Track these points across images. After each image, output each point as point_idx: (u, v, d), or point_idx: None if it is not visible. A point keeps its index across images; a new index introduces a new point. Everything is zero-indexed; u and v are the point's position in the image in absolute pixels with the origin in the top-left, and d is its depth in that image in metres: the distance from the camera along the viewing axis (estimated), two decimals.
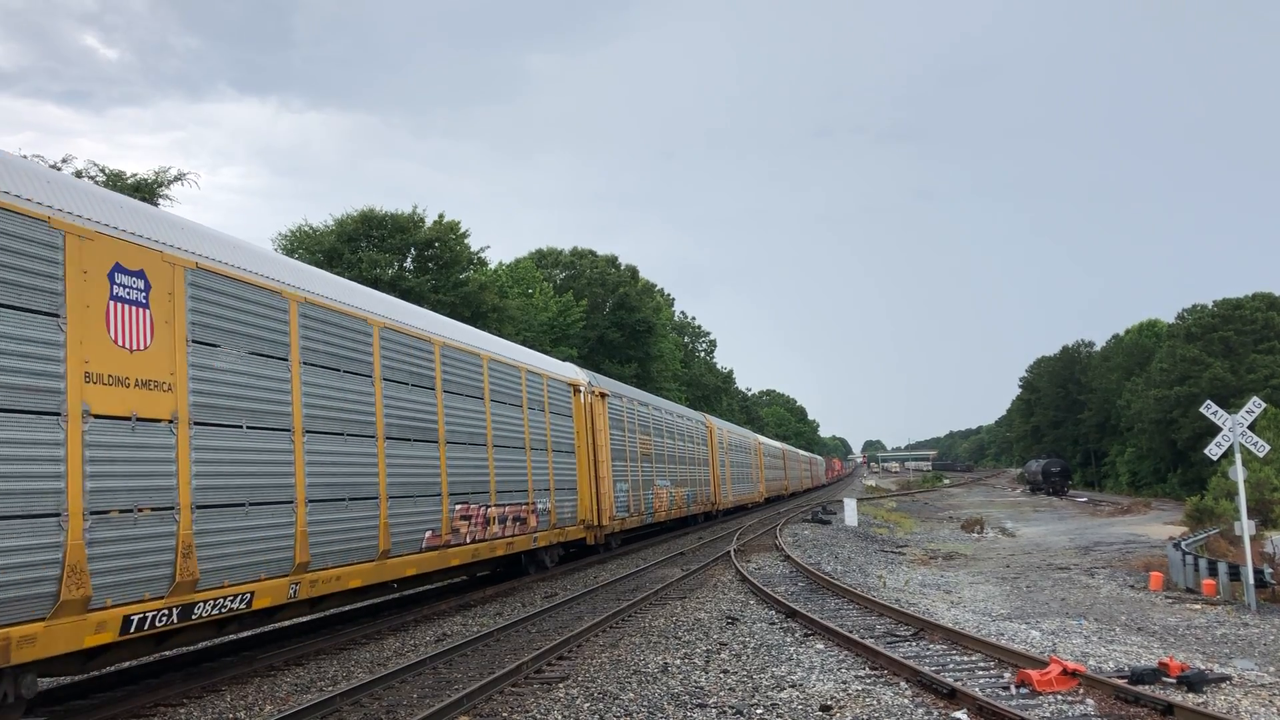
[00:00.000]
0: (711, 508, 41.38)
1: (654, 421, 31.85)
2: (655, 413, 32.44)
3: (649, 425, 30.82)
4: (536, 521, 19.98)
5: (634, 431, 28.50)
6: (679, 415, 37.06)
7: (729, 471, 46.86)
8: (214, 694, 10.29)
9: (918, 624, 13.71)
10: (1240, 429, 20.52)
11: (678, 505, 33.60)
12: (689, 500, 36.05)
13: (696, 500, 37.46)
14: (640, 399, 30.70)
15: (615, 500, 25.37)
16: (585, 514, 23.28)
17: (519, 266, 54.86)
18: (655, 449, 31.17)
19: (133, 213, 9.82)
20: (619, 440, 26.54)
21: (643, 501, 28.56)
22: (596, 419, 24.69)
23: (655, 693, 9.81)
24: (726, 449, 46.65)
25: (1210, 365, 69.01)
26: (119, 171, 27.95)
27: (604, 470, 24.66)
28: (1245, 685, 10.31)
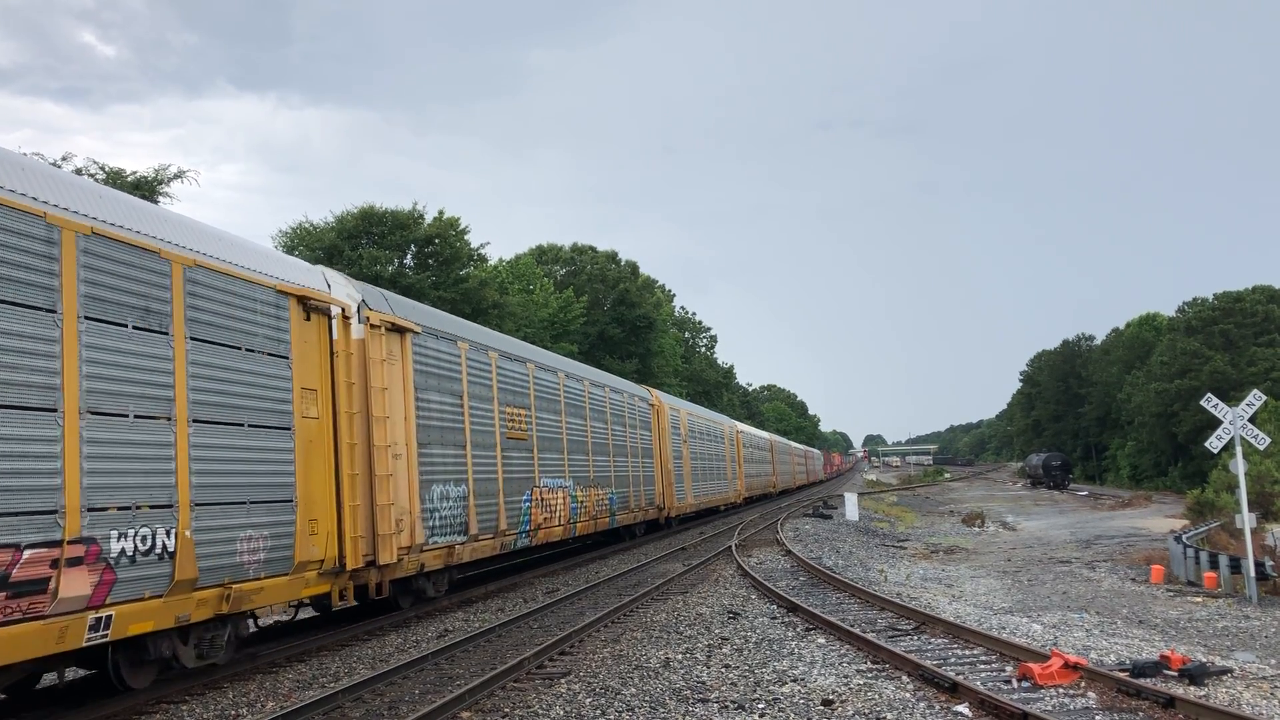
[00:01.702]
0: (660, 514, 31.70)
1: (539, 388, 20.87)
2: (544, 375, 21.48)
3: (522, 392, 19.71)
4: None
5: (488, 401, 17.69)
6: (597, 385, 26.17)
7: (689, 466, 36.64)
8: (216, 690, 10.29)
9: (919, 618, 13.72)
10: (1241, 422, 20.51)
11: (588, 515, 23.44)
12: (615, 506, 26.08)
13: (630, 505, 27.89)
14: (505, 349, 19.39)
15: (424, 514, 14.58)
16: (324, 550, 11.95)
17: (519, 263, 54.83)
18: (541, 430, 20.64)
19: None
20: (445, 411, 15.78)
21: (507, 514, 17.95)
22: (374, 369, 13.54)
23: (657, 687, 9.82)
24: (685, 437, 36.39)
25: (1211, 358, 69.01)
26: (118, 169, 27.93)
27: (388, 463, 13.42)
28: (1247, 678, 10.32)
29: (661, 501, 31.85)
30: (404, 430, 14.18)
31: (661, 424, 33.03)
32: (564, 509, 21.63)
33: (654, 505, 30.88)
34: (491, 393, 17.92)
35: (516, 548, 18.83)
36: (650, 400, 32.80)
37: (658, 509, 31.36)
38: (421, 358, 15.04)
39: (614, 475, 26.31)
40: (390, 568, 13.48)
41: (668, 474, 32.88)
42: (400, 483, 13.83)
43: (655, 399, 33.44)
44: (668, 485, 32.71)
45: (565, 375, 23.32)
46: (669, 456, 33.33)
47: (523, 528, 18.92)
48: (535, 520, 19.65)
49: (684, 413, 37.72)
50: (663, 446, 32.87)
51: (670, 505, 32.74)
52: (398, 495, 13.65)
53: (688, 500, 35.99)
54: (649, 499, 30.25)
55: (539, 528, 19.87)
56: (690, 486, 36.54)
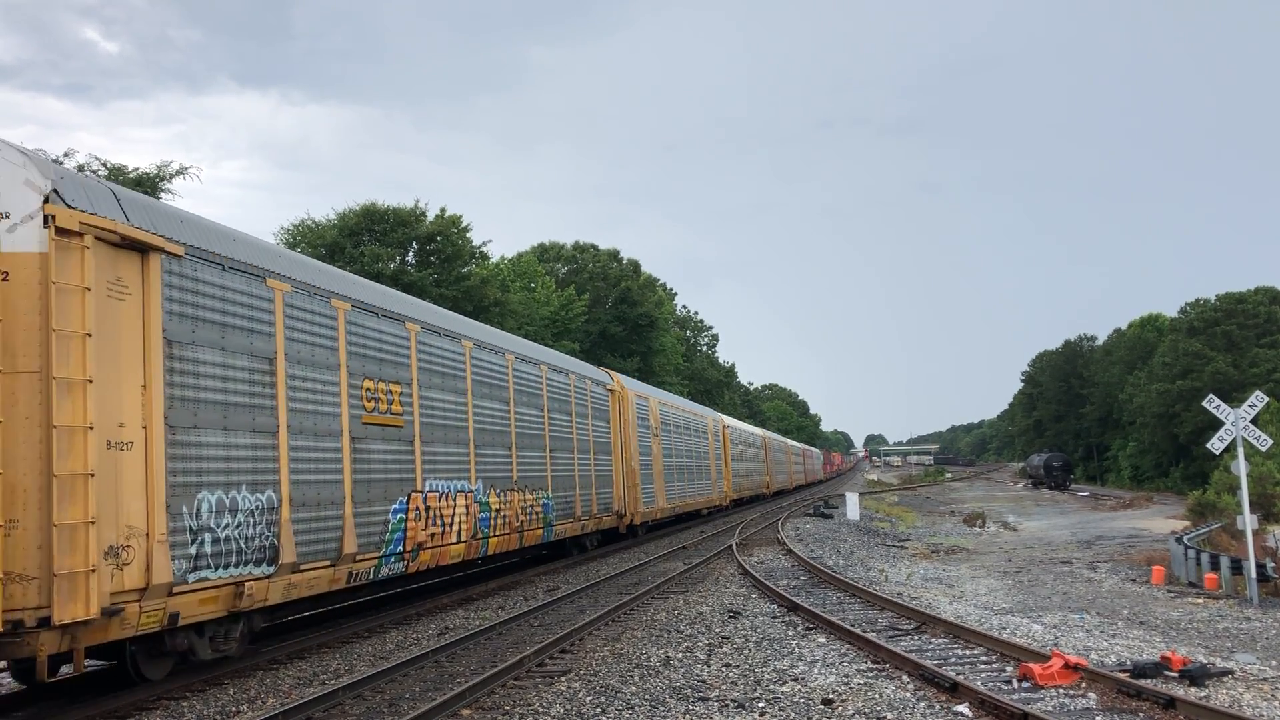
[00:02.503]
0: (620, 522, 26.74)
1: (430, 358, 15.52)
2: (436, 343, 15.90)
3: (398, 361, 14.48)
4: None
5: (329, 369, 12.61)
6: (528, 361, 20.50)
7: (661, 464, 31.24)
8: (216, 687, 10.30)
9: (920, 618, 13.72)
10: (1243, 423, 20.49)
11: (508, 527, 18.15)
12: (552, 514, 20.65)
13: (576, 513, 22.52)
14: (365, 300, 13.91)
15: (179, 535, 9.57)
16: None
17: (521, 261, 54.85)
18: (430, 414, 15.31)
19: None
20: (234, 378, 10.75)
21: (362, 530, 12.92)
22: (65, 303, 8.59)
23: (657, 686, 9.82)
24: (657, 429, 31.01)
25: (1213, 359, 68.96)
26: (120, 166, 27.94)
27: (86, 455, 8.50)
28: (1247, 679, 10.31)
29: (623, 507, 26.67)
30: (138, 404, 9.17)
31: (624, 414, 27.57)
32: (467, 520, 16.16)
33: (611, 511, 25.64)
34: (337, 358, 12.67)
35: (380, 577, 13.50)
36: (610, 385, 27.00)
37: (617, 515, 26.19)
38: (185, 294, 9.97)
39: (552, 476, 20.69)
40: (89, 626, 8.37)
41: (631, 474, 27.35)
42: (123, 487, 8.87)
43: (617, 383, 27.76)
44: (631, 487, 27.30)
45: (475, 345, 17.44)
46: (634, 453, 27.77)
47: (391, 549, 13.54)
48: (414, 538, 14.17)
49: (655, 402, 32.12)
50: (626, 441, 27.40)
51: (635, 511, 27.44)
52: (118, 507, 8.76)
53: (658, 505, 30.69)
54: (605, 504, 25.00)
55: (421, 547, 14.45)
56: (662, 488, 31.10)
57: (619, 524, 26.73)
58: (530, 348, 22.27)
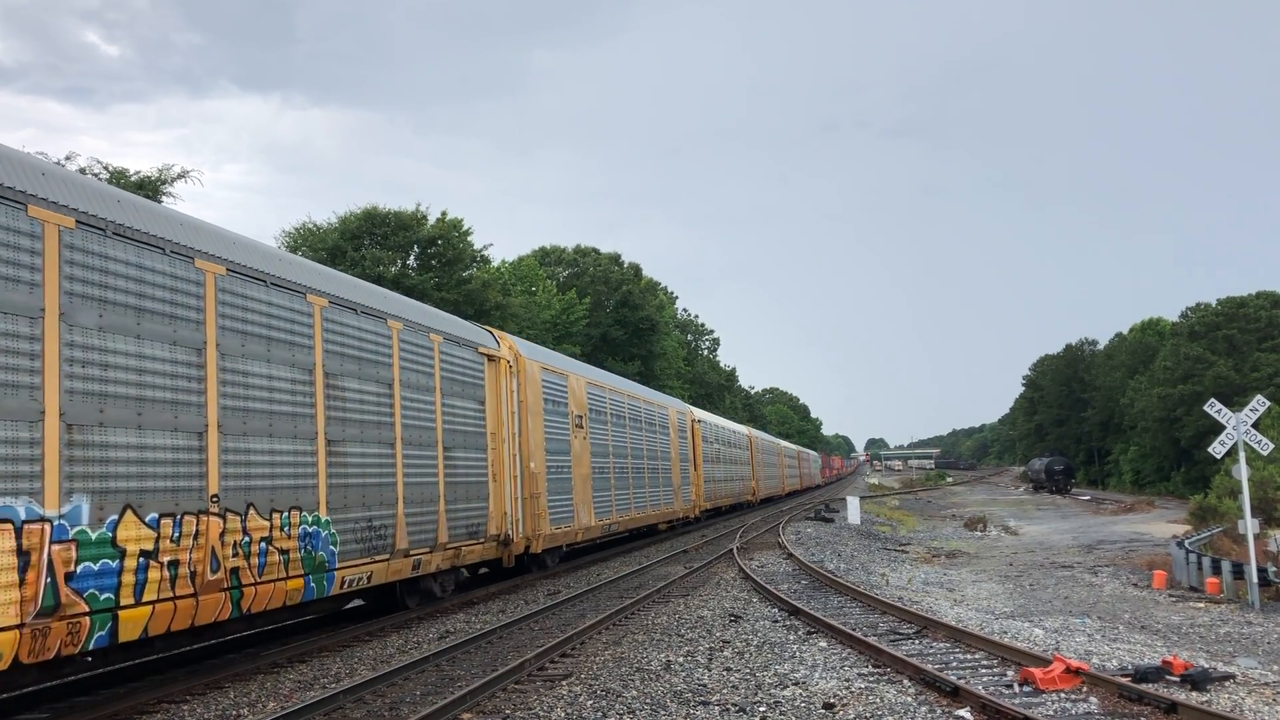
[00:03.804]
0: (504, 552, 18.28)
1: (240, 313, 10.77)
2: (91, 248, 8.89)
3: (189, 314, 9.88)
4: None
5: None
6: (286, 287, 12.00)
7: (587, 468, 23.45)
8: (217, 690, 10.30)
9: (921, 622, 13.71)
10: (1244, 427, 20.48)
11: (205, 584, 9.90)
12: (324, 549, 12.25)
13: (392, 546, 14.03)
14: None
15: None
16: None
17: (522, 264, 54.90)
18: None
19: None
20: None
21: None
22: None
23: (658, 690, 9.81)
24: (581, 419, 23.38)
25: (1214, 363, 68.90)
26: (122, 169, 27.99)
27: None
28: (1249, 684, 10.30)
29: (511, 529, 18.26)
30: None
31: (520, 393, 19.28)
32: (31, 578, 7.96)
33: (485, 538, 17.18)
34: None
35: None
36: (489, 348, 18.27)
37: (499, 542, 17.78)
38: None
39: (335, 483, 12.55)
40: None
41: (532, 481, 19.35)
42: None
43: (505, 347, 19.19)
44: (531, 499, 19.20)
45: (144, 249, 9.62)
46: (536, 449, 19.76)
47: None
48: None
49: (579, 380, 23.73)
50: (523, 432, 19.22)
51: (537, 534, 19.32)
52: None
53: (581, 523, 22.44)
54: (473, 526, 16.63)
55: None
56: (587, 500, 23.11)
57: (504, 554, 18.11)
58: (300, 266, 12.96)
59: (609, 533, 25.57)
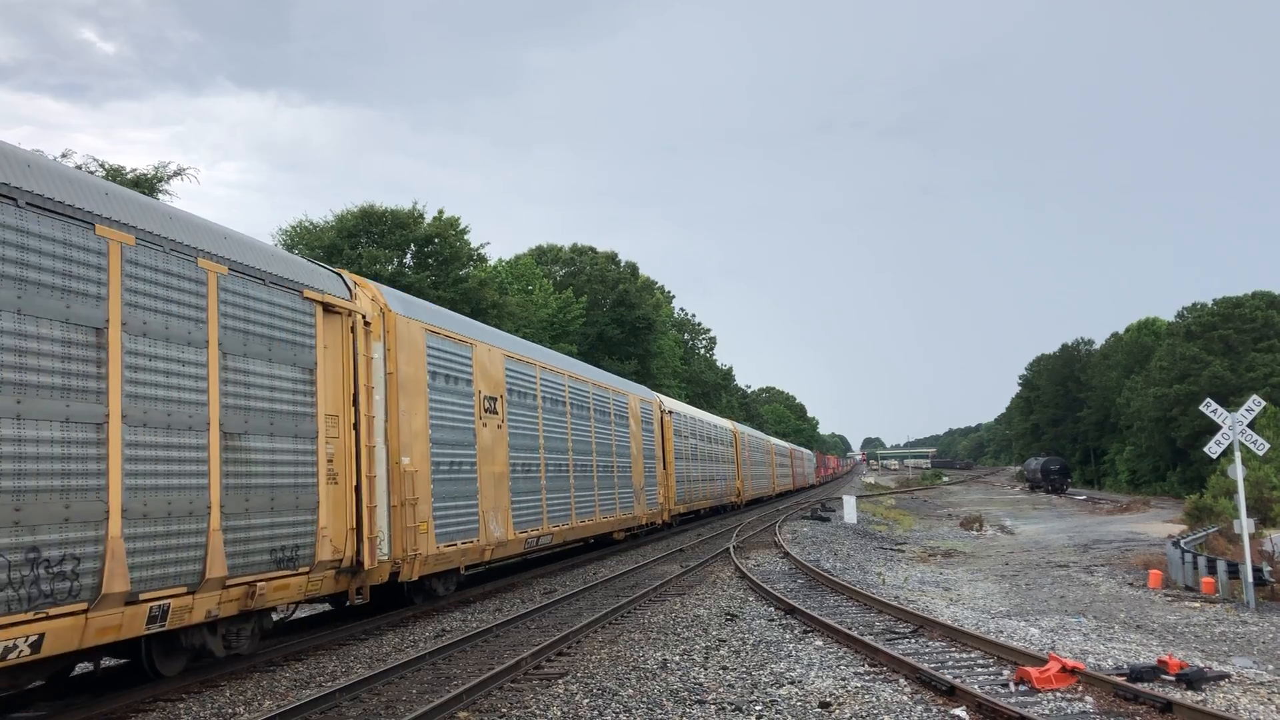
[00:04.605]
0: (355, 581, 13.10)
1: None
2: None
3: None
4: None
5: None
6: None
7: (503, 464, 18.22)
8: (213, 689, 10.28)
9: (917, 621, 13.72)
10: (1240, 427, 20.52)
11: None
12: None
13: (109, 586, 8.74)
14: None
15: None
16: None
17: (519, 263, 54.86)
18: None
19: None
20: None
21: None
22: None
23: (654, 689, 9.82)
24: (492, 401, 18.07)
25: (1210, 363, 69.02)
26: (118, 166, 27.93)
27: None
28: (1244, 683, 10.32)
29: (364, 551, 12.94)
30: None
31: (392, 362, 14.34)
32: None
33: (314, 565, 11.86)
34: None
35: None
36: (329, 296, 12.84)
37: (340, 570, 12.60)
38: None
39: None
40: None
41: (407, 482, 14.26)
42: None
43: (366, 297, 14.14)
44: (405, 508, 14.08)
45: None
46: (414, 439, 14.77)
47: None
48: None
49: (493, 353, 18.41)
50: (396, 414, 14.25)
51: (414, 553, 14.25)
52: None
53: (490, 538, 17.14)
54: (287, 551, 11.43)
55: None
56: (500, 508, 17.76)
57: (350, 586, 13.04)
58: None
59: (535, 548, 19.74)
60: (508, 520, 18.12)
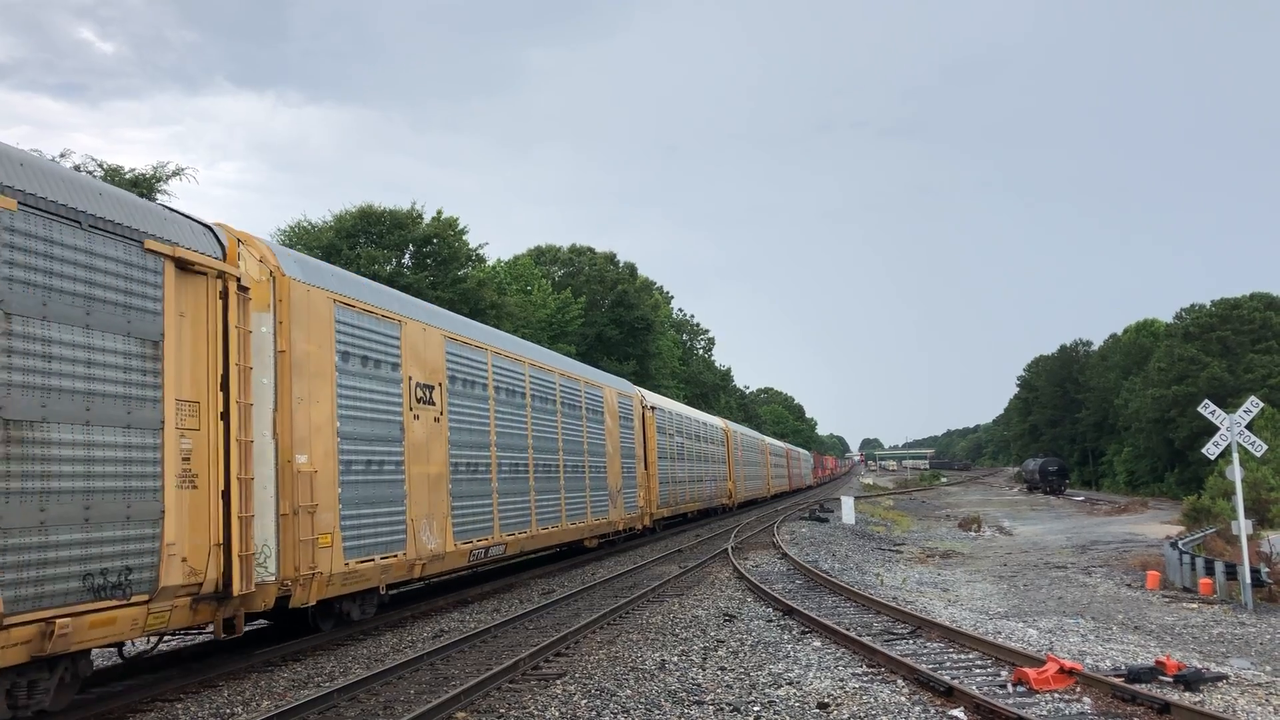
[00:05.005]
0: (220, 617, 10.19)
1: None
2: None
3: None
4: None
5: None
6: None
7: (442, 463, 15.47)
8: (211, 689, 10.28)
9: (915, 622, 13.72)
10: (1238, 428, 20.54)
11: None
12: None
13: None
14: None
15: None
16: None
17: (517, 263, 54.87)
18: None
19: None
20: None
21: None
22: None
23: (652, 689, 9.82)
24: (424, 391, 15.10)
25: (1208, 365, 69.10)
26: (116, 166, 27.92)
27: None
28: (1242, 684, 10.33)
29: (238, 573, 10.13)
30: None
31: (284, 339, 11.75)
32: None
33: (156, 592, 9.08)
34: None
35: None
36: (183, 250, 9.95)
37: (198, 598, 9.78)
38: None
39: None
40: None
41: (301, 485, 11.61)
42: None
43: (253, 259, 11.60)
44: (298, 517, 11.50)
45: None
46: (315, 432, 12.11)
47: None
48: None
49: (430, 333, 15.68)
50: (287, 402, 11.62)
51: (312, 572, 11.69)
52: None
53: (422, 550, 14.47)
54: (112, 577, 8.65)
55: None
56: (438, 515, 15.11)
57: (215, 615, 10.24)
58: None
59: (484, 560, 17.36)
60: (446, 529, 15.45)
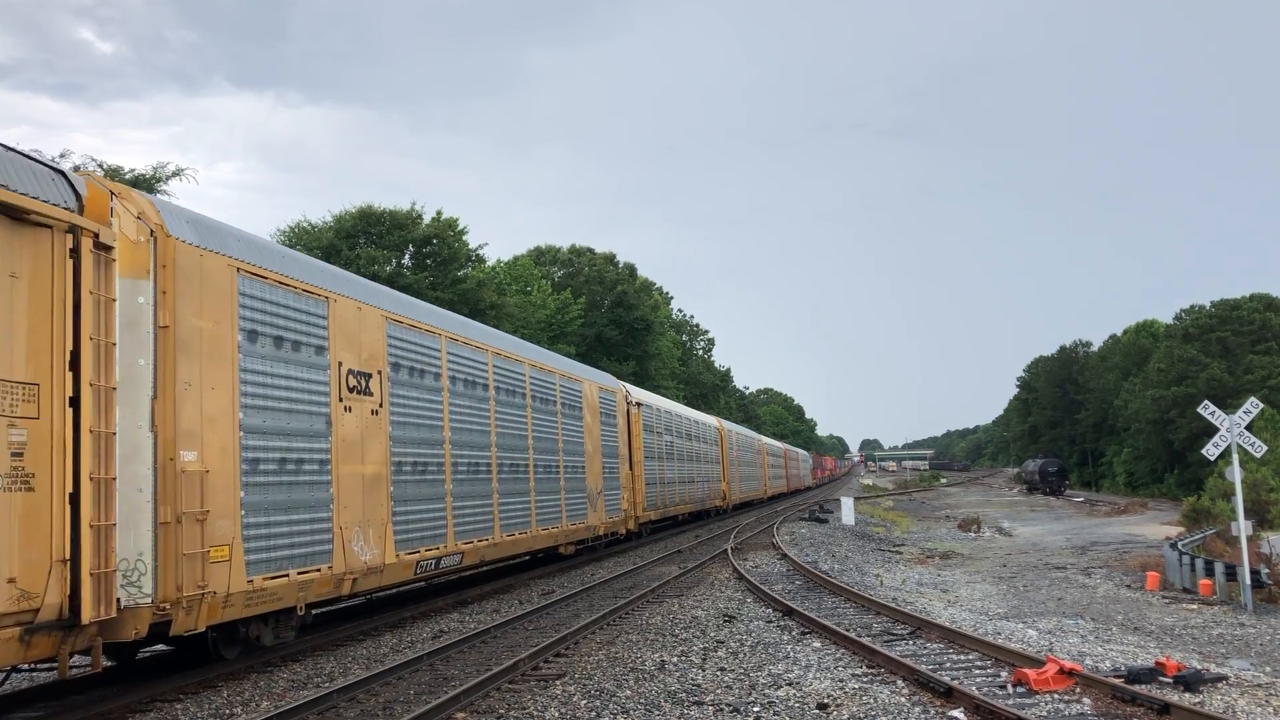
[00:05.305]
0: (68, 649, 8.34)
1: None
2: None
3: None
4: None
5: None
6: None
7: (368, 474, 13.18)
8: (210, 689, 10.27)
9: (915, 623, 13.72)
10: (1237, 429, 20.53)
11: None
12: None
13: None
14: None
15: None
16: None
17: (517, 264, 54.86)
18: None
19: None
20: None
21: None
22: None
23: (652, 690, 9.81)
24: (358, 380, 13.26)
25: (1208, 366, 69.12)
26: (116, 166, 27.91)
27: None
28: (1241, 685, 10.33)
29: (97, 596, 8.50)
30: None
31: (166, 312, 9.74)
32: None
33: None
34: None
35: None
36: (43, 210, 8.30)
37: (30, 628, 8.05)
38: None
39: None
40: None
41: (186, 488, 9.64)
42: None
43: (128, 215, 9.64)
44: (182, 526, 9.55)
45: None
46: (209, 425, 10.16)
47: None
48: None
49: (366, 313, 13.77)
50: (169, 389, 9.65)
51: (201, 591, 9.75)
52: None
53: (354, 562, 12.73)
54: None
55: None
56: (375, 521, 13.34)
57: (60, 649, 8.37)
58: None
59: (435, 571, 15.53)
60: (385, 538, 13.54)
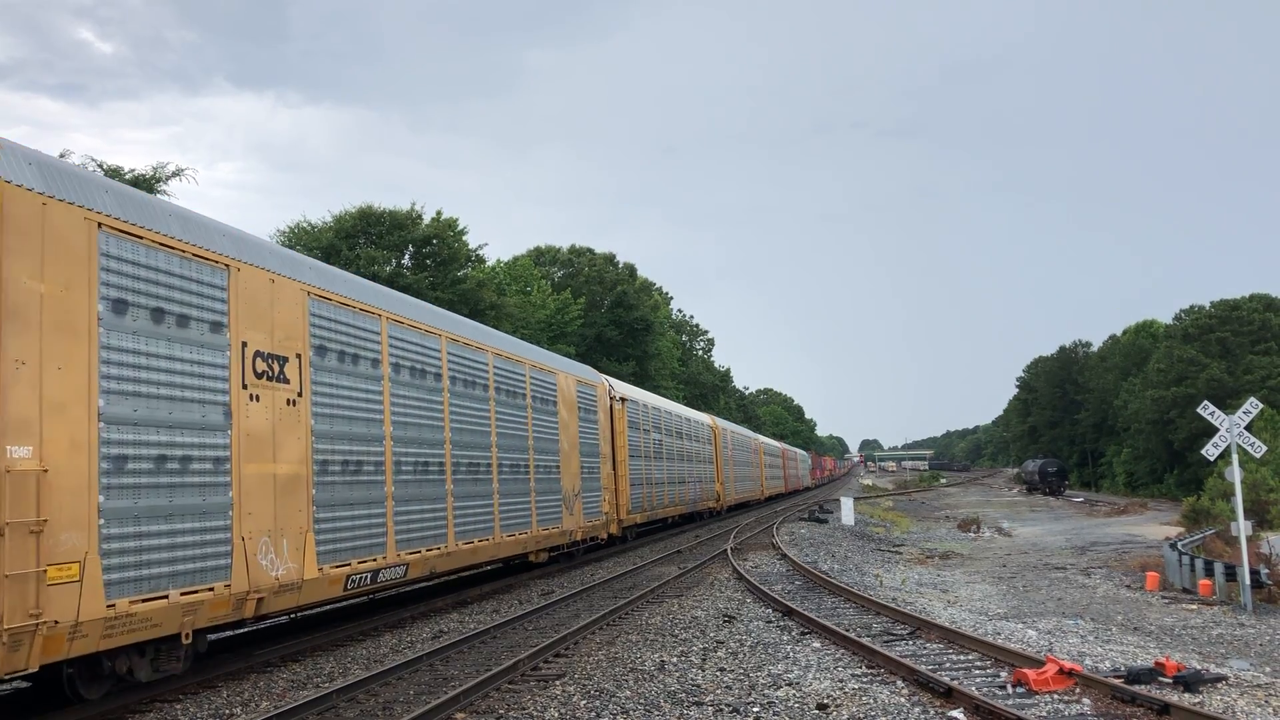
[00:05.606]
0: None
1: None
2: None
3: None
4: None
5: None
6: None
7: (283, 475, 11.32)
8: (210, 690, 10.27)
9: (914, 623, 13.72)
10: (1237, 429, 20.54)
11: None
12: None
13: None
14: None
15: None
16: None
17: (517, 264, 54.86)
18: None
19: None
20: None
21: None
22: None
23: (652, 690, 9.81)
24: (273, 365, 11.41)
25: (1207, 366, 69.11)
26: (116, 167, 27.90)
27: None
28: (1241, 685, 10.33)
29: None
30: None
31: (35, 280, 8.21)
32: None
33: None
34: None
35: None
36: None
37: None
38: None
39: None
40: None
41: (40, 497, 7.90)
42: None
43: None
44: (17, 539, 7.66)
45: None
46: (50, 413, 8.18)
47: None
48: None
49: (285, 286, 11.83)
50: (14, 369, 7.91)
51: (41, 619, 7.84)
52: None
53: (262, 578, 10.77)
54: None
55: None
56: (293, 530, 11.48)
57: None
58: None
59: (371, 586, 13.42)
60: (305, 549, 11.66)
